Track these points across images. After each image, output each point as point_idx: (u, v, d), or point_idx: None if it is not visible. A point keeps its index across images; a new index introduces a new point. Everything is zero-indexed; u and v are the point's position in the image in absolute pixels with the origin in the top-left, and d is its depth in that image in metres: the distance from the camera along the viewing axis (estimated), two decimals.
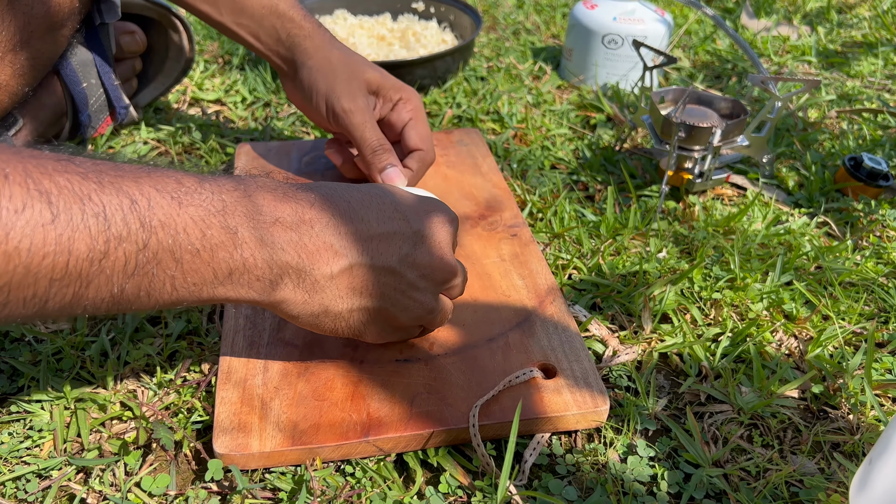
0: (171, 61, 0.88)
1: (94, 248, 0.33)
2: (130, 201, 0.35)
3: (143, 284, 0.36)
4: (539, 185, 0.80)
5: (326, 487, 0.47)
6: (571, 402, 0.51)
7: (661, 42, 1.01)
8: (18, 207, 0.31)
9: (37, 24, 0.68)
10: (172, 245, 0.37)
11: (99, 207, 0.34)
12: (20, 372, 0.55)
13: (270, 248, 0.41)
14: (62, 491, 0.48)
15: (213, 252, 0.39)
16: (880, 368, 0.58)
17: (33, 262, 0.31)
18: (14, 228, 0.30)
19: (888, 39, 1.25)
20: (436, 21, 1.15)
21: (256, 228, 0.41)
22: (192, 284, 0.39)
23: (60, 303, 0.34)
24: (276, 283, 0.42)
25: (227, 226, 0.39)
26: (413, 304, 0.49)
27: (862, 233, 0.74)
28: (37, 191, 0.31)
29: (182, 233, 0.37)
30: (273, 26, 0.67)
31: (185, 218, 0.37)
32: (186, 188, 0.38)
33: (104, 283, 0.35)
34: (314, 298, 0.44)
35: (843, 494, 0.48)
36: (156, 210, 0.36)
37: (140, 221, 0.35)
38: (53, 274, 0.32)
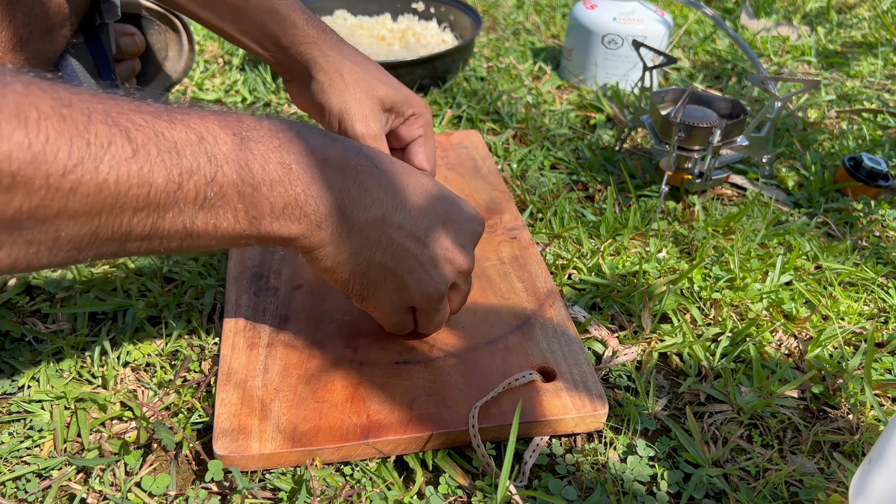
0: (170, 61, 0.88)
1: (170, 180, 0.36)
2: (198, 137, 0.38)
3: (211, 217, 0.39)
4: (539, 185, 0.80)
5: (326, 487, 0.47)
6: (570, 405, 0.51)
7: (660, 42, 1.01)
8: (104, 143, 0.33)
9: (36, 24, 0.68)
10: (236, 178, 0.39)
11: (171, 143, 0.36)
12: (20, 372, 0.55)
13: (319, 186, 0.43)
14: (62, 491, 0.48)
15: (272, 186, 0.41)
16: (880, 368, 0.58)
17: (120, 192, 0.34)
18: (102, 162, 0.33)
19: (888, 39, 1.25)
20: (436, 21, 1.15)
21: (308, 166, 0.43)
22: (252, 217, 0.41)
23: (141, 234, 0.36)
24: (321, 222, 0.44)
25: (283, 162, 0.42)
26: (427, 279, 0.50)
27: (862, 233, 0.74)
28: (117, 128, 0.34)
29: (245, 167, 0.39)
30: (274, 32, 0.65)
31: (247, 153, 0.40)
32: (246, 126, 0.41)
33: (178, 215, 0.37)
34: (343, 243, 0.46)
35: (842, 494, 0.48)
36: (221, 146, 0.39)
37: (207, 156, 0.38)
38: (137, 204, 0.35)
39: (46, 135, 0.30)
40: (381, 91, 0.65)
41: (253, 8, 0.65)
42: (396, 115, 0.67)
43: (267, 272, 0.62)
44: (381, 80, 0.66)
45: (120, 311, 0.61)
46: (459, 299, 0.54)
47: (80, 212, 0.33)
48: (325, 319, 0.58)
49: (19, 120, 0.29)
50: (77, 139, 0.31)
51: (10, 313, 0.61)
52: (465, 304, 0.56)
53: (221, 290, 0.64)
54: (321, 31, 0.66)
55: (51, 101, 0.31)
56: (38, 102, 0.30)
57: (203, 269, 0.66)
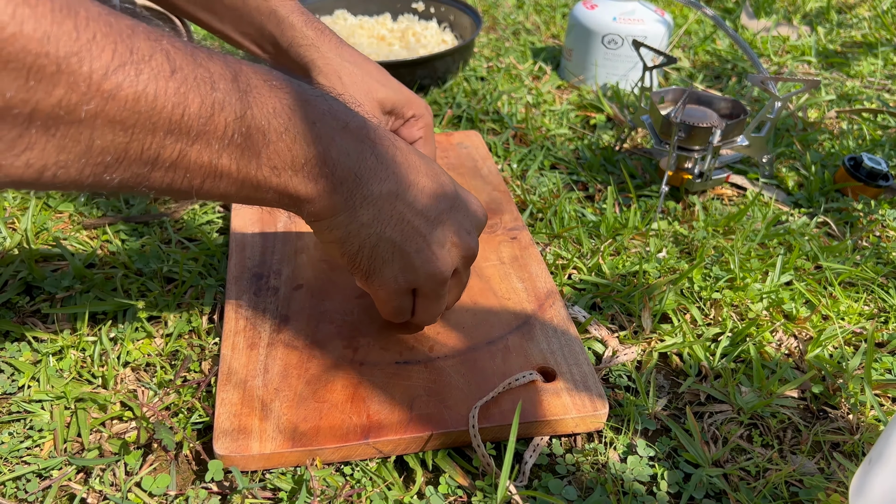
0: None
1: (203, 107, 0.36)
2: (233, 74, 0.38)
3: (235, 156, 0.39)
4: (539, 185, 0.80)
5: (326, 487, 0.47)
6: (570, 405, 0.51)
7: (660, 42, 1.01)
8: (146, 55, 0.33)
9: None
10: (263, 123, 0.39)
11: (207, 73, 0.36)
12: (20, 372, 0.55)
13: (338, 149, 0.44)
14: (62, 491, 0.48)
15: (295, 139, 0.41)
16: (880, 368, 0.58)
17: (157, 106, 0.34)
18: (143, 72, 0.33)
19: (888, 39, 1.25)
20: (436, 21, 1.15)
21: (331, 128, 0.43)
22: (273, 166, 0.41)
23: (169, 159, 0.36)
24: (337, 186, 0.44)
25: (306, 118, 0.42)
26: (434, 259, 0.49)
27: (862, 233, 0.74)
28: (159, 45, 0.34)
29: (272, 113, 0.40)
30: (272, 34, 0.65)
31: (276, 101, 0.40)
32: (276, 77, 0.41)
33: (205, 147, 0.37)
34: (356, 213, 0.46)
35: (842, 494, 0.48)
36: (252, 89, 0.39)
37: (239, 94, 0.38)
38: (170, 125, 0.35)
39: (94, 33, 0.30)
40: (380, 93, 0.65)
41: (251, 9, 0.64)
42: (396, 117, 0.67)
43: (267, 272, 0.62)
44: (380, 82, 0.65)
45: (120, 311, 0.61)
46: (458, 290, 0.54)
47: (116, 119, 0.32)
48: (325, 319, 0.58)
49: (69, 12, 0.30)
50: (121, 45, 0.32)
51: (10, 313, 0.61)
52: (459, 299, 0.55)
53: (221, 290, 0.64)
54: (320, 32, 0.66)
55: (99, 8, 0.32)
56: (87, 5, 0.31)
57: (203, 269, 0.66)
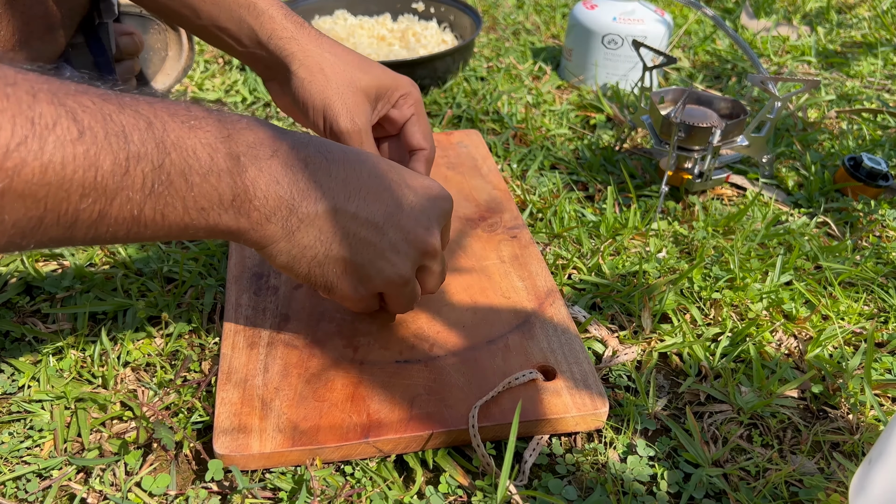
0: (170, 61, 0.88)
1: (117, 163, 0.35)
2: (147, 123, 0.37)
3: (159, 205, 0.38)
4: (539, 185, 0.80)
5: (326, 487, 0.47)
6: (571, 404, 0.51)
7: (660, 42, 1.01)
8: (49, 123, 0.32)
9: (36, 23, 0.68)
10: (184, 167, 0.39)
11: (119, 127, 0.35)
12: (20, 372, 0.55)
13: (268, 179, 0.43)
14: (62, 491, 0.48)
15: (220, 176, 0.41)
16: (880, 368, 0.58)
17: (66, 174, 0.33)
18: (47, 142, 0.32)
19: (888, 39, 1.25)
20: (436, 21, 1.15)
21: (257, 159, 0.43)
22: (200, 208, 0.40)
23: (89, 220, 0.35)
24: (269, 217, 0.44)
25: (231, 153, 0.41)
26: (389, 267, 0.49)
27: (861, 233, 0.74)
28: (63, 108, 0.33)
29: (192, 156, 0.39)
30: (252, 27, 0.63)
31: (195, 142, 0.39)
32: (195, 115, 0.40)
33: (125, 202, 0.36)
34: (296, 238, 0.45)
35: (842, 494, 0.48)
36: (169, 133, 0.38)
37: (155, 142, 0.37)
38: (84, 188, 0.34)
39: None
40: (363, 81, 0.63)
41: (230, 2, 0.63)
42: (385, 101, 0.65)
43: (267, 272, 0.62)
44: (363, 70, 0.64)
45: (120, 311, 0.61)
46: (433, 280, 0.53)
47: (25, 193, 0.32)
48: (325, 319, 0.58)
49: None
50: (20, 117, 0.31)
51: (10, 313, 0.61)
52: (442, 283, 0.55)
53: (221, 290, 0.64)
54: (299, 25, 0.64)
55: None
56: None
57: (203, 269, 0.66)
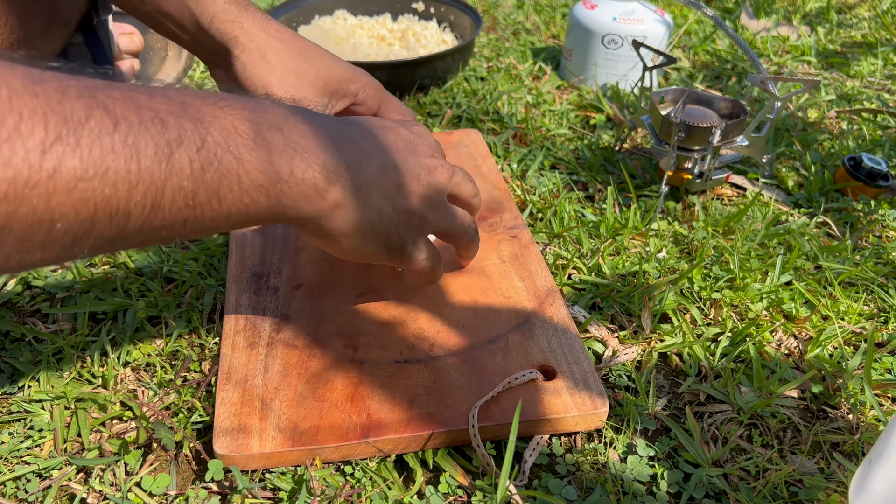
0: (170, 61, 0.88)
1: (158, 149, 0.33)
2: (180, 107, 0.36)
3: (213, 188, 0.36)
4: (539, 185, 0.80)
5: (326, 487, 0.47)
6: (571, 404, 0.51)
7: (660, 42, 1.01)
8: (82, 117, 0.31)
9: (34, 23, 0.68)
10: (228, 142, 0.37)
11: (152, 113, 0.34)
12: (20, 372, 0.55)
13: (315, 147, 0.42)
14: (62, 491, 0.48)
15: (269, 149, 0.39)
16: (880, 368, 0.58)
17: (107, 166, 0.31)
18: (83, 136, 0.30)
19: (888, 39, 1.25)
20: (436, 21, 1.15)
21: (297, 127, 0.42)
22: (258, 185, 0.39)
23: (141, 215, 0.33)
24: (330, 182, 0.43)
25: (272, 125, 0.40)
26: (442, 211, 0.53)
27: (862, 233, 0.74)
28: (94, 101, 0.32)
29: (234, 132, 0.38)
30: (192, 11, 0.59)
31: (232, 119, 0.38)
32: (223, 97, 0.39)
33: (177, 190, 0.35)
34: (367, 202, 0.46)
35: (842, 494, 0.48)
36: (205, 113, 0.37)
37: (193, 123, 0.36)
38: (129, 180, 0.32)
39: (20, 111, 0.28)
40: (310, 72, 0.60)
41: None
42: (340, 95, 0.62)
43: (267, 272, 0.62)
44: (309, 60, 0.60)
45: (120, 311, 0.61)
46: (467, 192, 0.56)
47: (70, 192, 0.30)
48: (325, 319, 0.58)
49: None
50: (52, 115, 0.29)
51: (10, 313, 0.61)
52: (481, 204, 0.58)
53: (221, 290, 0.64)
54: (243, 8, 0.60)
55: (21, 79, 0.29)
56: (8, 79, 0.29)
57: (203, 269, 0.66)
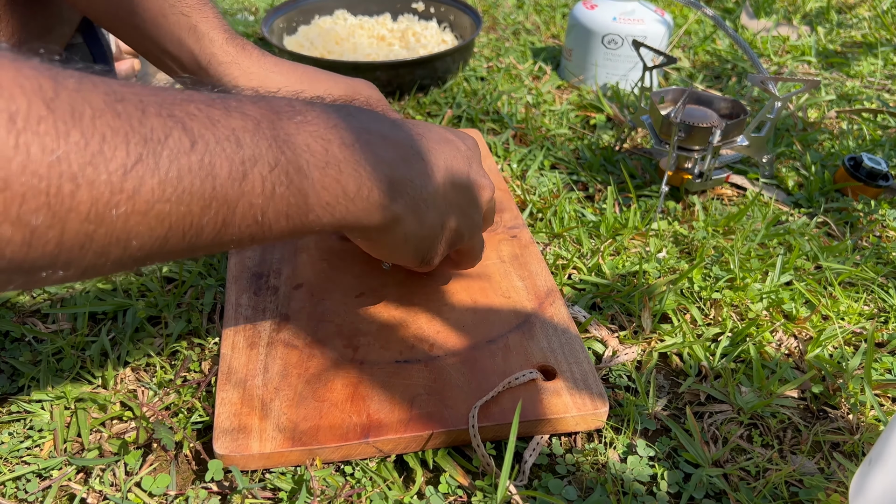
0: None
1: (233, 169, 0.34)
2: (255, 124, 0.36)
3: (282, 207, 0.37)
4: (539, 185, 0.80)
5: (326, 487, 0.47)
6: (571, 404, 0.51)
7: (660, 42, 1.01)
8: (161, 137, 0.31)
9: (34, 24, 0.68)
10: (301, 163, 0.38)
11: (228, 131, 0.34)
12: (20, 372, 0.55)
13: (387, 163, 0.43)
14: (62, 491, 0.48)
15: (339, 167, 0.40)
16: (880, 368, 0.58)
17: (184, 187, 0.32)
18: (162, 157, 0.31)
19: (888, 39, 1.25)
20: (436, 21, 1.15)
21: (369, 144, 0.42)
22: (325, 204, 0.40)
23: (213, 231, 0.34)
24: (394, 199, 0.44)
25: (344, 142, 0.41)
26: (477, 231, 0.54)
27: (862, 233, 0.74)
28: (172, 119, 0.32)
29: (306, 151, 0.38)
30: (192, 51, 0.60)
31: (306, 136, 0.39)
32: (298, 110, 0.40)
33: (248, 208, 0.35)
34: (423, 219, 0.46)
35: (842, 494, 0.48)
36: (279, 130, 0.37)
37: (268, 142, 0.36)
38: (204, 200, 0.33)
39: (103, 132, 0.29)
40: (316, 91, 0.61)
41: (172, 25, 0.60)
42: None
43: (267, 271, 0.62)
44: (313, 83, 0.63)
45: (120, 311, 0.61)
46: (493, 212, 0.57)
47: (147, 213, 0.31)
48: (325, 319, 0.58)
49: (73, 118, 0.28)
50: (133, 135, 0.30)
51: (10, 313, 0.61)
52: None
53: (221, 290, 0.64)
54: (240, 48, 0.62)
55: (104, 97, 0.30)
56: (91, 98, 0.29)
57: (203, 269, 0.66)
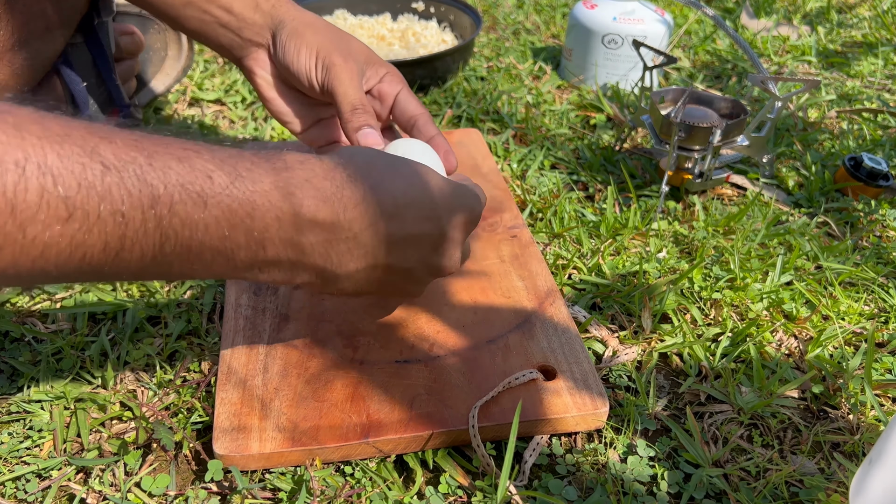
0: (170, 61, 0.88)
1: (109, 244, 0.33)
2: (152, 199, 0.34)
3: (162, 271, 0.37)
4: (539, 185, 0.80)
5: (326, 487, 0.47)
6: (571, 404, 0.51)
7: (661, 42, 1.01)
8: (33, 203, 0.30)
9: (35, 23, 0.68)
10: (191, 243, 0.37)
11: (118, 205, 0.33)
12: (20, 372, 0.55)
13: (300, 252, 0.42)
14: (62, 491, 0.48)
15: (235, 252, 0.39)
16: (880, 368, 0.58)
17: (49, 256, 0.32)
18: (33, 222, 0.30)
19: (888, 39, 1.25)
20: (436, 21, 1.15)
21: (288, 231, 0.40)
22: (213, 273, 0.40)
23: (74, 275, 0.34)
24: (297, 275, 0.43)
25: (252, 230, 0.39)
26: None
27: (862, 233, 0.74)
28: (52, 186, 0.31)
29: (203, 232, 0.37)
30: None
31: (209, 218, 0.37)
32: (215, 187, 0.37)
33: (124, 271, 0.35)
34: (330, 284, 0.46)
35: (843, 494, 0.48)
36: (178, 209, 0.35)
37: (157, 221, 0.35)
38: (64, 271, 0.33)
39: None
40: (349, 46, 0.62)
41: None
42: (373, 72, 0.64)
43: None
44: (347, 39, 0.63)
45: (120, 311, 0.61)
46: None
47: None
48: (325, 319, 0.58)
49: None
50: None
51: (10, 313, 0.61)
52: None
53: (221, 290, 0.64)
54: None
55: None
56: None
57: None
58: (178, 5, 0.63)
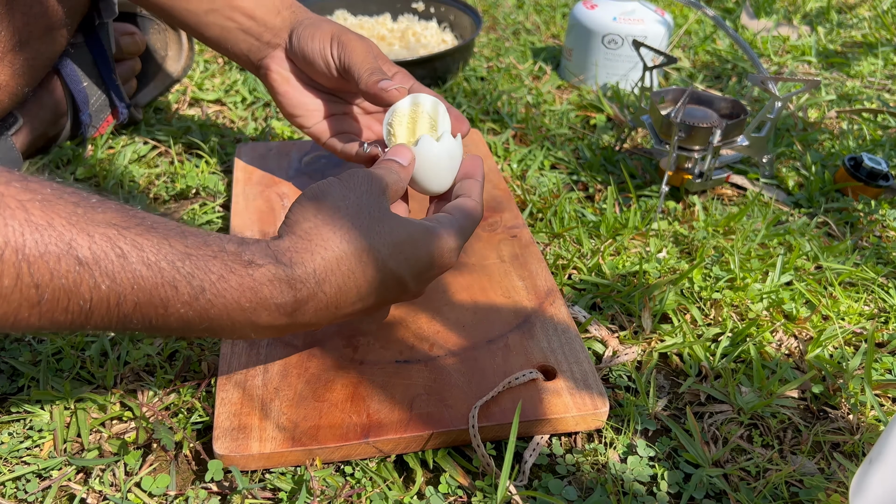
0: (170, 60, 0.88)
1: (75, 322, 0.37)
2: (118, 299, 0.37)
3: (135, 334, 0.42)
4: (539, 185, 0.80)
5: (326, 487, 0.47)
6: (571, 404, 0.51)
7: (661, 42, 1.01)
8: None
9: (36, 24, 0.68)
10: (156, 332, 0.41)
11: (84, 298, 0.36)
12: (20, 372, 0.55)
13: (278, 332, 0.45)
14: (62, 491, 0.48)
15: (202, 334, 0.43)
16: (880, 368, 0.58)
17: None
18: None
19: (888, 39, 1.25)
20: (436, 21, 1.15)
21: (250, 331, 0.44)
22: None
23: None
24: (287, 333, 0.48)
25: (210, 330, 0.42)
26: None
27: (862, 233, 0.74)
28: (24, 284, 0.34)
29: (165, 327, 0.40)
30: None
31: (171, 320, 0.40)
32: (179, 296, 0.39)
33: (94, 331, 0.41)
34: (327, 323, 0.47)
35: (843, 494, 0.48)
36: (142, 310, 0.38)
37: (120, 318, 0.38)
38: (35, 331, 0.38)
39: None
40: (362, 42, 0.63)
41: None
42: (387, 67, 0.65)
43: None
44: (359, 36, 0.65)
45: None
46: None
47: None
48: None
49: None
50: None
51: None
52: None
53: None
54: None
55: None
56: None
57: None
58: (201, 13, 0.65)
